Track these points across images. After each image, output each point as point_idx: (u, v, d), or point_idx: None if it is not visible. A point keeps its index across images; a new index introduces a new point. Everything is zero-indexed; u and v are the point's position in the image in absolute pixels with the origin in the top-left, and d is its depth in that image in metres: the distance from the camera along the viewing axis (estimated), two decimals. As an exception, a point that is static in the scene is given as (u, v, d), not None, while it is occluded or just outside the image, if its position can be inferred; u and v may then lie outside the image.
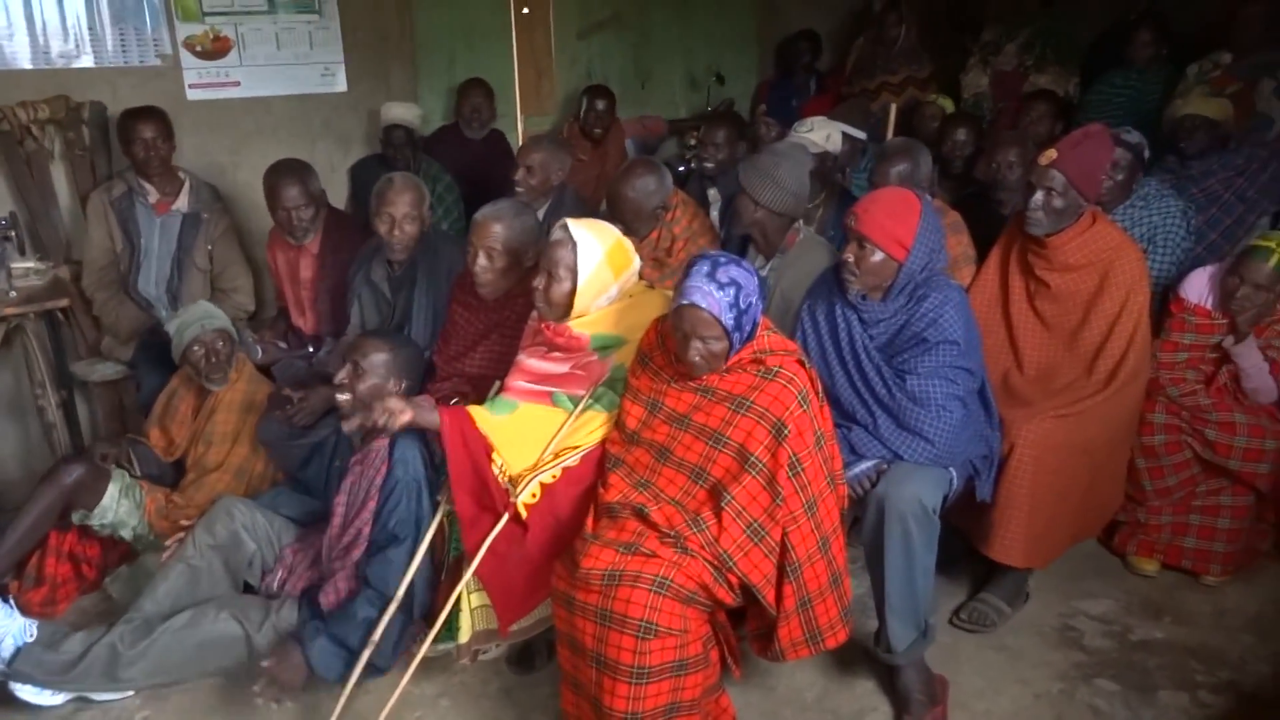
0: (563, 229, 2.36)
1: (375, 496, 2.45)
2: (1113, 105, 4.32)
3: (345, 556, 2.50)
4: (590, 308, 2.39)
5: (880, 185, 2.96)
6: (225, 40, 4.07)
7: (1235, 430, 2.87)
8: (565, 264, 2.34)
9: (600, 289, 2.38)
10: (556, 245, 2.35)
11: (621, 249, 2.40)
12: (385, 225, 2.99)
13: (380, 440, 2.47)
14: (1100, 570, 3.06)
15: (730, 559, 2.03)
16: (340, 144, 4.41)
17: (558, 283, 2.35)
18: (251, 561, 2.70)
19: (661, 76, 5.62)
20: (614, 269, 2.38)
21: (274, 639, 2.48)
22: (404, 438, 2.44)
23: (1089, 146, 2.75)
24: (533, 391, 2.42)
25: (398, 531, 2.41)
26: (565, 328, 2.39)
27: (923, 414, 2.41)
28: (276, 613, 2.53)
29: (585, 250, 2.33)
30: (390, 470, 2.43)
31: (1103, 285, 2.79)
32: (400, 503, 2.42)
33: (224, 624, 2.49)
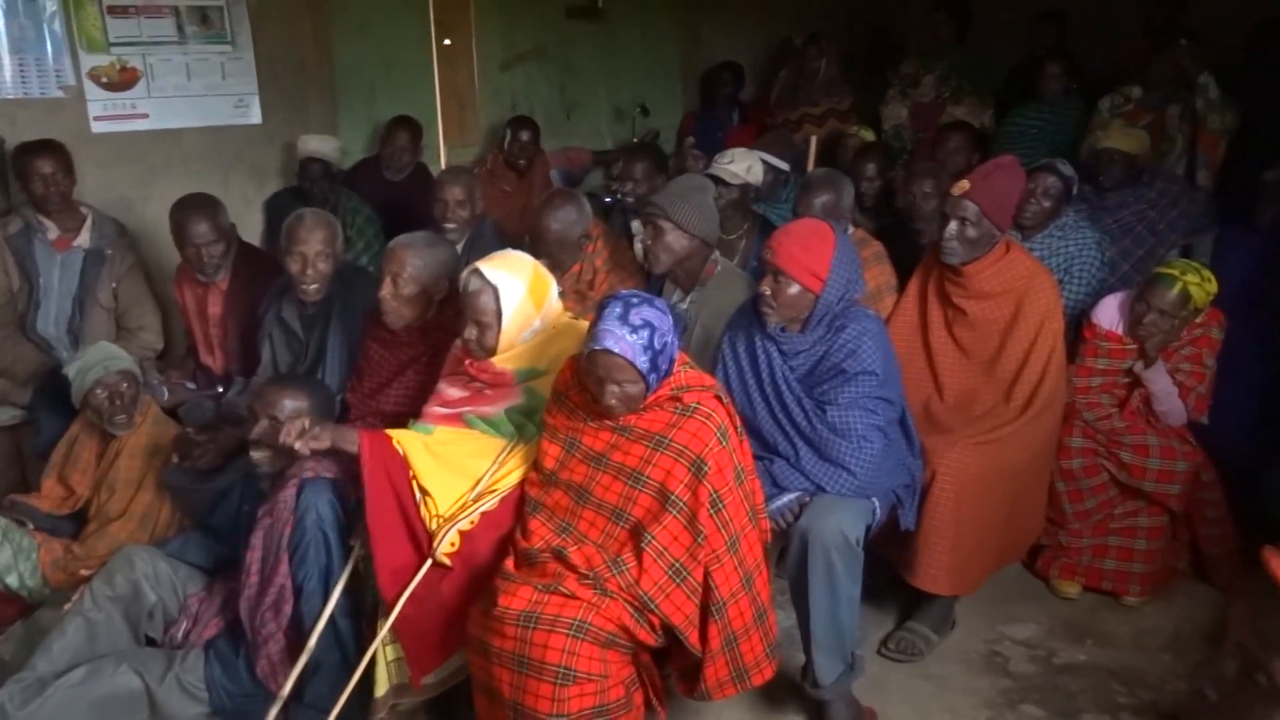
0: (478, 277, 2.31)
1: (287, 550, 2.35)
2: (1026, 137, 4.44)
3: (276, 617, 2.39)
4: (516, 343, 2.36)
5: (804, 216, 2.98)
6: (133, 71, 3.95)
7: (1148, 453, 2.93)
8: (491, 311, 2.30)
9: (525, 324, 2.35)
10: (477, 295, 2.30)
11: (540, 279, 2.38)
12: (297, 265, 2.90)
13: (287, 490, 2.38)
14: (1024, 594, 3.08)
15: (651, 601, 1.99)
16: (255, 177, 4.30)
17: (488, 330, 2.32)
18: (153, 613, 2.58)
19: (587, 108, 5.62)
20: (536, 301, 2.36)
21: (178, 692, 2.37)
22: (311, 485, 2.36)
23: (1000, 177, 2.81)
24: (445, 416, 2.38)
25: (306, 582, 2.33)
26: (489, 364, 2.35)
27: (844, 445, 2.41)
28: (180, 664, 2.42)
29: (507, 292, 2.30)
30: (298, 522, 2.34)
31: (1018, 313, 2.83)
32: (309, 552, 2.33)
33: (123, 678, 2.35)
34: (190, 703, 2.41)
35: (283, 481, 2.43)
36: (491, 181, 4.46)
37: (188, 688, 2.40)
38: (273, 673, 2.38)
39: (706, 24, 5.88)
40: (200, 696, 2.42)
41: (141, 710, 2.37)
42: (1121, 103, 4.21)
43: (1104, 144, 3.68)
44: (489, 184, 4.31)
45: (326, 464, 2.43)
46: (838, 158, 4.34)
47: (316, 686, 2.32)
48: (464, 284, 2.34)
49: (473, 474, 2.28)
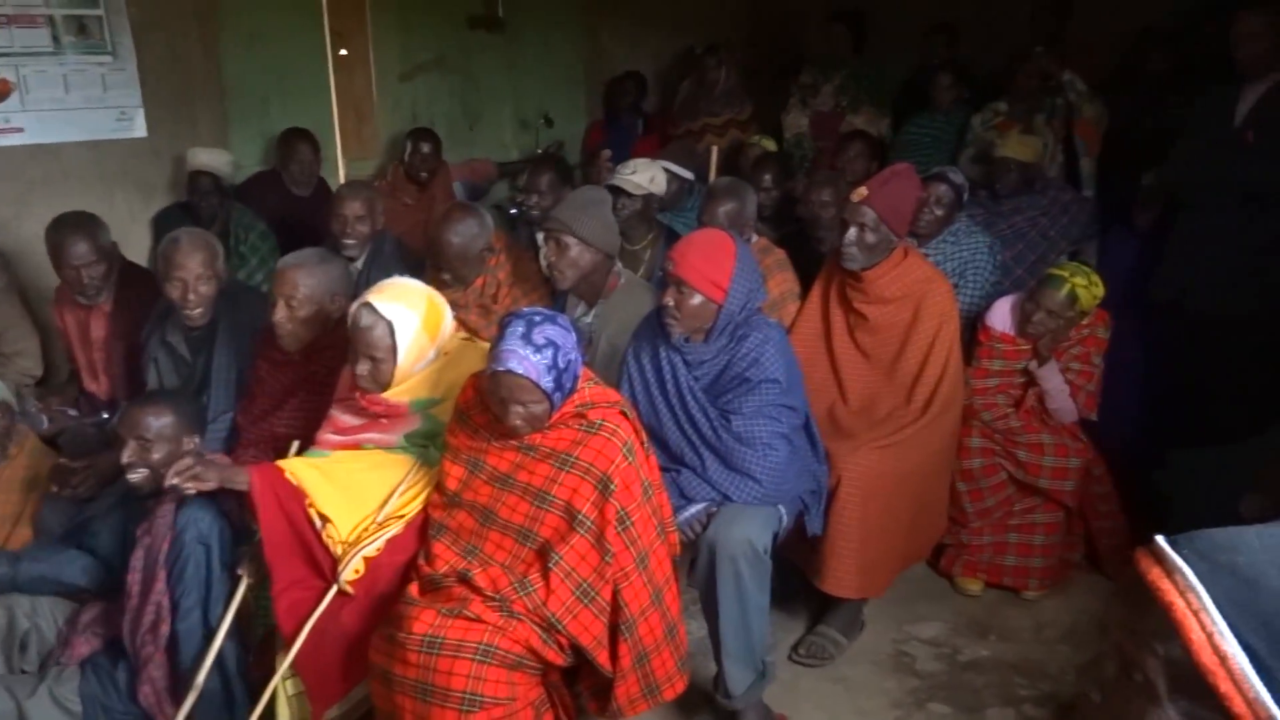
0: (370, 311, 2.22)
1: (164, 566, 2.26)
2: (920, 145, 4.56)
3: (154, 637, 2.29)
4: (410, 375, 2.29)
5: (708, 225, 3.00)
6: (4, 83, 3.74)
7: (1043, 450, 3.03)
8: (385, 346, 2.22)
9: (419, 356, 2.28)
10: (369, 330, 2.21)
11: (434, 309, 2.31)
12: (178, 290, 2.77)
13: (165, 505, 2.29)
14: (930, 593, 3.15)
15: (559, 622, 1.96)
16: (141, 192, 4.12)
17: (380, 364, 2.24)
18: (26, 644, 2.47)
19: (490, 119, 5.55)
20: (430, 332, 2.29)
21: (49, 705, 2.29)
22: (194, 502, 2.27)
23: (897, 184, 2.87)
24: (341, 444, 2.31)
25: (184, 599, 2.24)
26: (379, 400, 2.28)
27: (749, 454, 2.42)
28: (54, 679, 2.33)
29: (401, 326, 2.22)
30: (176, 537, 2.25)
31: (916, 316, 2.89)
32: (187, 567, 2.24)
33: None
34: (63, 717, 2.31)
35: (162, 497, 2.34)
36: (393, 195, 4.37)
37: (60, 701, 2.31)
38: (156, 700, 2.29)
39: (608, 34, 5.88)
40: (74, 710, 2.32)
41: None
42: (991, 117, 4.37)
43: (1001, 153, 3.78)
44: (390, 197, 4.22)
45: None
46: (739, 168, 4.38)
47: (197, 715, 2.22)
48: (354, 318, 2.25)
49: (374, 496, 2.22)
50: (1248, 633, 0.78)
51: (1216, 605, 0.81)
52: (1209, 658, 0.80)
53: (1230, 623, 0.79)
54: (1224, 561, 0.83)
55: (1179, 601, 0.83)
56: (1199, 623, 0.81)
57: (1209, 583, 0.82)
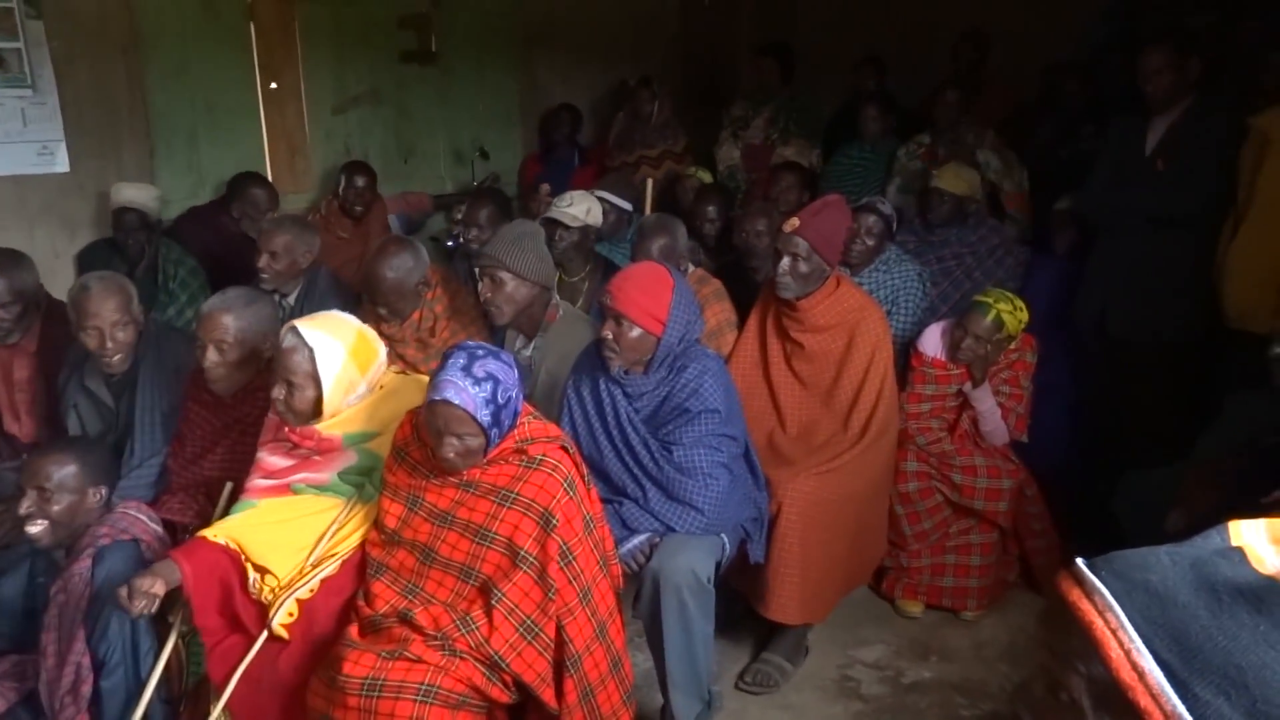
0: (294, 334, 2.19)
1: (82, 624, 2.18)
2: (850, 175, 4.66)
3: (75, 698, 2.20)
4: (341, 408, 2.24)
5: (642, 259, 3.02)
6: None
7: (976, 473, 3.10)
8: (304, 371, 2.16)
9: (348, 388, 2.23)
10: (291, 352, 2.17)
11: (365, 342, 2.27)
12: (94, 339, 2.66)
13: (81, 561, 2.21)
14: (872, 616, 3.18)
15: (503, 660, 1.94)
16: (65, 228, 4.01)
17: (299, 391, 2.18)
18: None
19: (425, 151, 5.53)
20: (360, 365, 2.24)
21: None
22: (109, 551, 2.20)
23: (828, 214, 2.93)
24: (271, 488, 2.25)
25: (109, 656, 2.16)
26: (313, 431, 2.22)
27: (690, 484, 2.43)
28: None
29: (324, 353, 2.17)
30: (95, 594, 2.17)
31: (851, 344, 2.94)
32: (109, 625, 2.16)
33: None
34: None
35: (76, 552, 2.26)
36: (327, 228, 4.31)
37: None
38: None
39: (543, 67, 5.91)
40: None
41: None
42: (915, 149, 4.50)
43: (935, 184, 3.85)
44: (324, 231, 4.15)
45: (123, 526, 2.28)
46: (677, 199, 4.43)
47: None
48: (280, 339, 2.23)
49: (308, 541, 2.18)
50: (1162, 649, 0.81)
51: (1133, 623, 0.83)
52: (1128, 674, 0.83)
53: (1145, 640, 0.82)
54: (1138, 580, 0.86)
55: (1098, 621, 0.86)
56: (1117, 641, 0.84)
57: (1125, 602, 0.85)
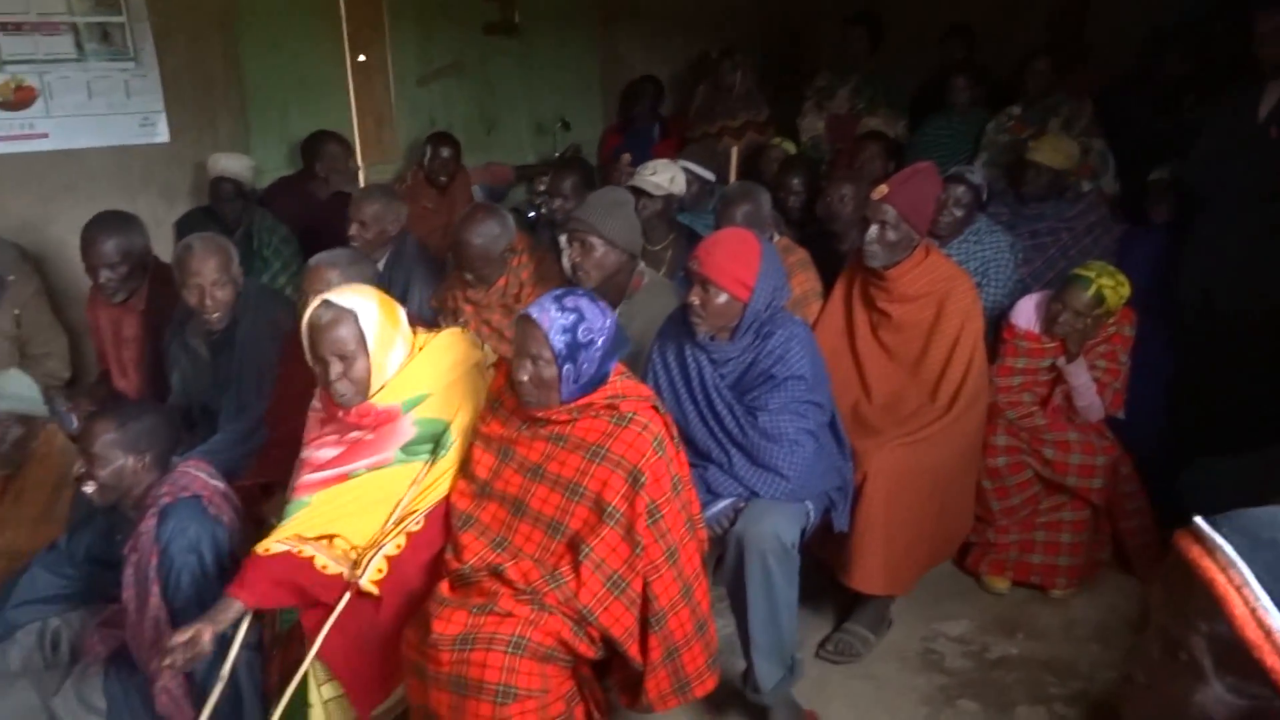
0: (329, 307, 2.13)
1: (157, 580, 2.26)
2: (937, 147, 4.54)
3: (158, 652, 2.27)
4: (387, 371, 2.20)
5: (726, 226, 3.00)
6: (29, 90, 3.78)
7: (1070, 448, 3.01)
8: (355, 338, 2.13)
9: (389, 344, 2.20)
10: (334, 325, 2.11)
11: (384, 298, 2.25)
12: (195, 296, 2.76)
13: (147, 521, 2.29)
14: (956, 591, 3.13)
15: (590, 614, 1.96)
16: (164, 197, 4.16)
17: (355, 360, 2.13)
18: (58, 643, 2.53)
19: (507, 123, 5.59)
20: (391, 320, 2.21)
21: (75, 703, 2.33)
22: (173, 510, 2.25)
23: (918, 182, 2.87)
24: (324, 480, 2.21)
25: (186, 610, 2.23)
26: (369, 407, 2.18)
27: (776, 450, 2.42)
28: (79, 676, 2.37)
29: (365, 314, 2.14)
30: (164, 550, 2.25)
31: (940, 314, 2.88)
32: (181, 578, 2.23)
33: (18, 693, 2.34)
34: (88, 715, 2.34)
35: (142, 512, 2.34)
36: (413, 199, 4.39)
37: (85, 698, 2.34)
38: (175, 707, 2.30)
39: (624, 39, 5.91)
40: (99, 709, 2.34)
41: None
42: (1005, 121, 4.37)
43: (1031, 156, 3.74)
44: (410, 201, 4.22)
45: (184, 484, 2.34)
46: (761, 170, 4.39)
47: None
48: (313, 320, 2.14)
49: (381, 504, 2.18)
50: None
51: (1258, 580, 0.81)
52: (1253, 632, 0.80)
53: (1273, 596, 0.79)
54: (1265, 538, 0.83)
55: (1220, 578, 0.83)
56: (1241, 598, 0.81)
57: (1249, 558, 0.82)
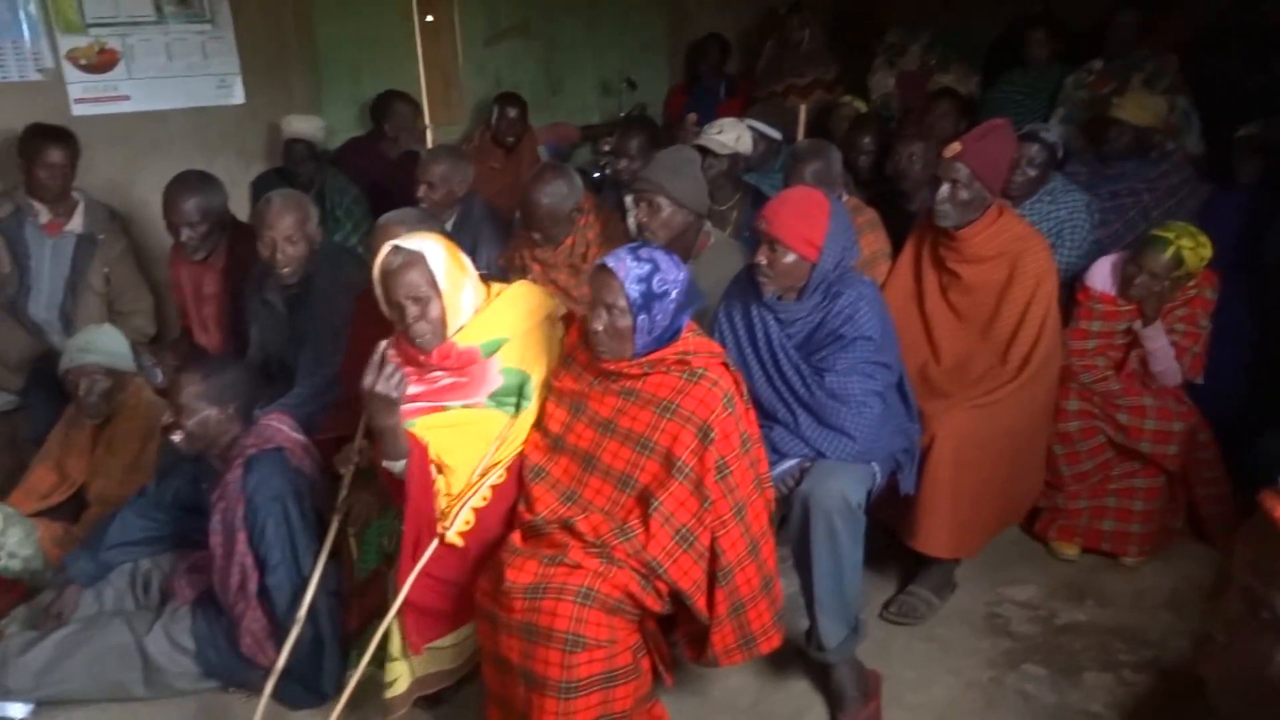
0: (400, 252, 2.16)
1: (243, 528, 2.38)
2: (1012, 103, 4.44)
3: (244, 594, 2.43)
4: (461, 313, 2.23)
5: (795, 185, 2.97)
6: (112, 53, 3.89)
7: (1145, 414, 2.95)
8: (427, 281, 2.16)
9: (459, 285, 2.23)
10: (407, 269, 2.14)
11: (451, 243, 2.28)
12: (268, 248, 2.84)
13: (234, 471, 2.40)
14: (1024, 556, 3.10)
15: (659, 566, 1.99)
16: (241, 158, 4.26)
17: (430, 303, 2.17)
18: (149, 584, 2.66)
19: (573, 83, 5.58)
20: (458, 263, 2.24)
21: (165, 643, 2.46)
22: (258, 461, 2.37)
23: (992, 140, 2.81)
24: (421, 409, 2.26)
25: (269, 556, 2.37)
26: (450, 346, 2.21)
27: (843, 410, 2.41)
28: (168, 617, 2.50)
29: (433, 255, 2.18)
30: (249, 500, 2.36)
31: (1012, 276, 2.83)
32: (267, 526, 2.36)
33: (114, 631, 2.47)
34: (178, 654, 2.48)
35: (228, 463, 2.44)
36: (479, 159, 4.43)
37: (174, 638, 2.47)
38: (258, 647, 2.43)
39: (690, -4, 5.85)
40: (187, 648, 2.48)
41: (134, 666, 2.45)
42: (1085, 77, 4.22)
43: (1114, 113, 3.61)
44: (477, 162, 4.25)
45: (267, 436, 2.44)
46: (830, 129, 4.33)
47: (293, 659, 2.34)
48: (385, 266, 2.17)
49: (479, 448, 2.25)
50: None
51: None
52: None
53: None
54: None
55: (1307, 537, 0.82)
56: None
57: None
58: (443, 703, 2.48)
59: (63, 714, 2.50)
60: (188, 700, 2.54)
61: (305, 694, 2.46)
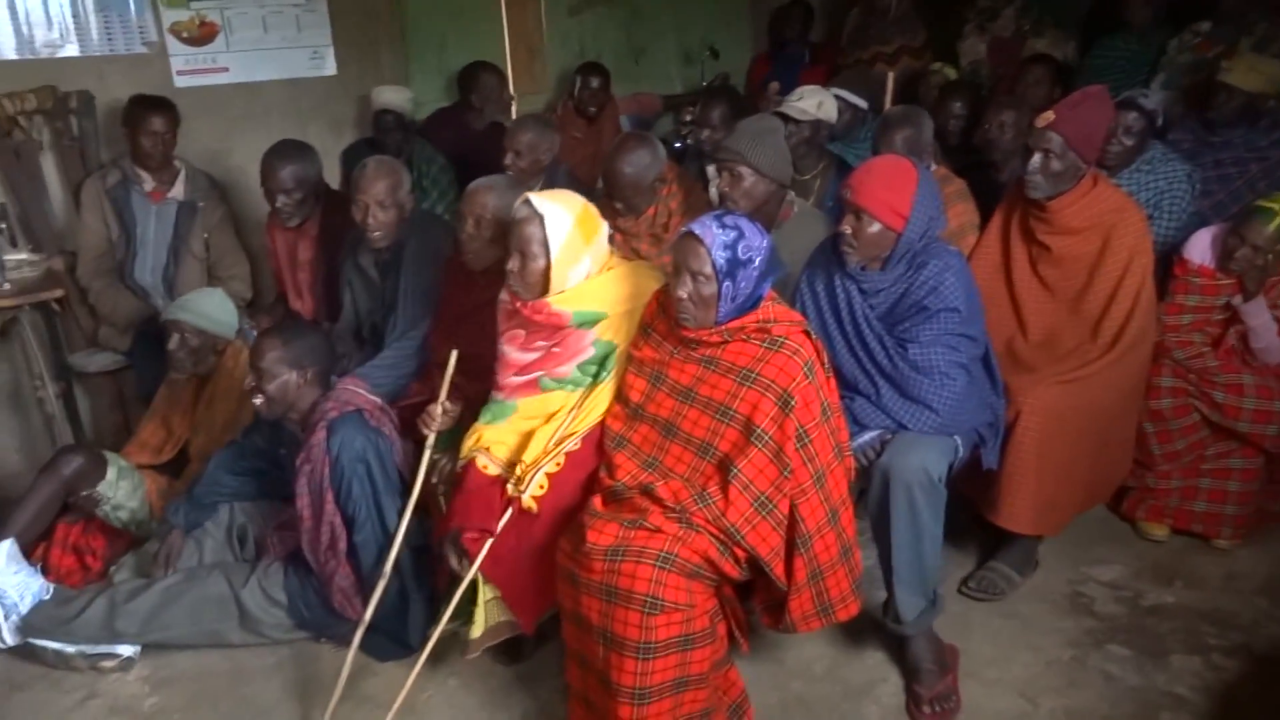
0: (527, 205, 2.28)
1: (330, 489, 2.47)
2: (1112, 69, 4.27)
3: (334, 553, 2.53)
4: (568, 281, 2.32)
5: (884, 153, 2.93)
6: (212, 25, 4.02)
7: (1243, 391, 2.84)
8: (536, 240, 2.26)
9: (574, 259, 2.30)
10: (524, 223, 2.27)
11: (589, 215, 2.34)
12: (360, 212, 2.92)
13: (317, 434, 2.48)
14: (1109, 536, 3.04)
15: (738, 532, 2.01)
16: (332, 128, 4.37)
17: (532, 260, 2.28)
18: (245, 537, 2.80)
19: (655, 52, 5.57)
20: (585, 236, 2.31)
21: (260, 595, 2.59)
22: (339, 423, 2.46)
23: (1088, 108, 2.72)
24: (523, 384, 2.38)
25: (355, 515, 2.47)
26: (544, 304, 2.31)
27: (926, 382, 2.38)
28: (263, 571, 2.62)
29: (554, 222, 2.26)
30: (334, 461, 2.45)
31: (1105, 248, 2.76)
32: (352, 486, 2.45)
33: (213, 583, 2.60)
34: (271, 607, 2.60)
35: (311, 426, 2.53)
36: (562, 129, 4.43)
37: (268, 591, 2.60)
38: (347, 602, 2.54)
39: (774, -37, 5.75)
40: (280, 601, 2.60)
41: (231, 616, 2.59)
42: (1190, 39, 4.03)
43: (1223, 78, 3.45)
44: (560, 132, 4.30)
45: (346, 399, 2.53)
46: (919, 96, 4.24)
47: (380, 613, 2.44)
48: (514, 213, 2.32)
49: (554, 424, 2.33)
50: None
51: None
52: None
53: None
54: None
55: None
56: None
57: None
58: (524, 659, 2.56)
59: (165, 656, 2.66)
60: (281, 648, 2.67)
61: (392, 646, 2.57)
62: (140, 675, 2.62)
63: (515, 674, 2.54)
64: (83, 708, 2.52)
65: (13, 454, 3.82)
